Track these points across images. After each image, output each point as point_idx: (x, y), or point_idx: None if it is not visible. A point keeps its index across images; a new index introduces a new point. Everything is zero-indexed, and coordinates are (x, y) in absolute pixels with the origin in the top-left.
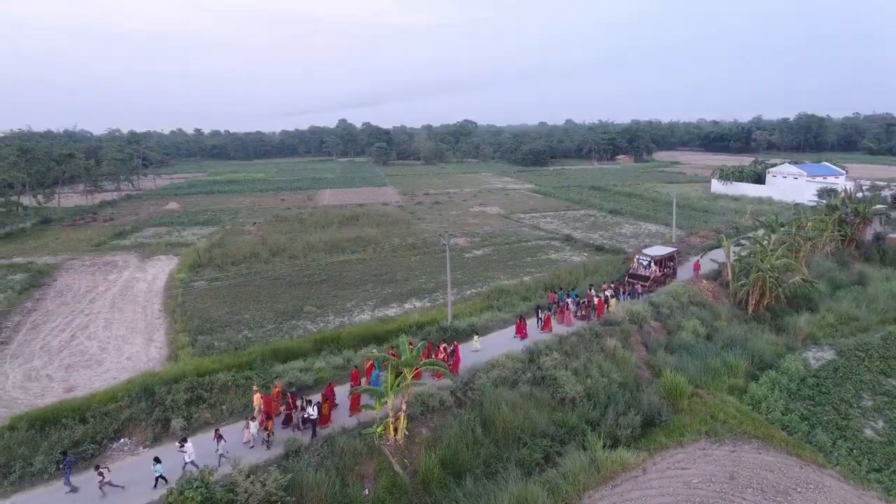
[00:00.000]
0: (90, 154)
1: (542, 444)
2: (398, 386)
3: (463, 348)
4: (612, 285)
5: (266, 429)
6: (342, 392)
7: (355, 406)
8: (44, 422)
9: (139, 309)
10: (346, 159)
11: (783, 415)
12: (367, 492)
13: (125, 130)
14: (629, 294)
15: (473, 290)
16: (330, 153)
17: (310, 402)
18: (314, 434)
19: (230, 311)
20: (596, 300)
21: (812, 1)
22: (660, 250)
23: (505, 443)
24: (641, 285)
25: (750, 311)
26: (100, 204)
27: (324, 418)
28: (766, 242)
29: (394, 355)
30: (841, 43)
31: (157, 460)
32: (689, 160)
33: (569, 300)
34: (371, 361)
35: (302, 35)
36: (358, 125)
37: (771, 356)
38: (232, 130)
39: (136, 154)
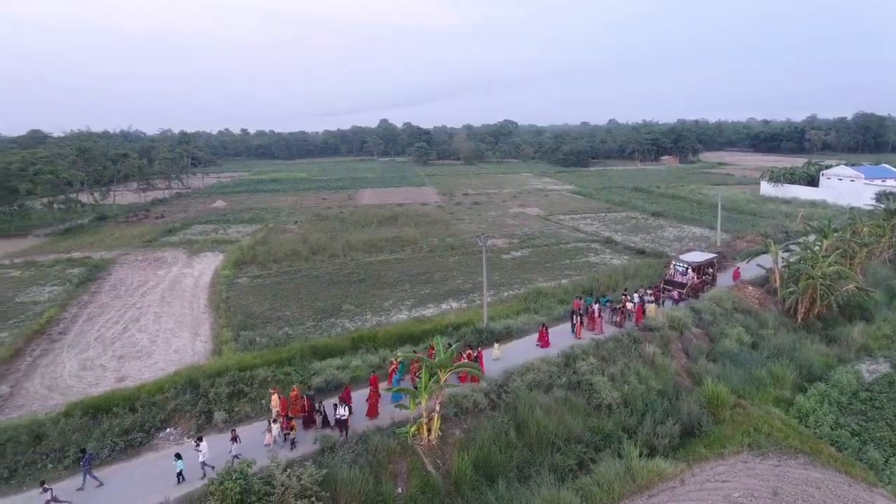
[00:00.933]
0: (143, 154)
1: (576, 450)
2: (432, 386)
3: (485, 355)
4: (650, 291)
5: (292, 428)
6: (359, 396)
7: (373, 411)
8: (97, 409)
9: (186, 304)
10: (386, 159)
11: (832, 430)
12: (399, 490)
13: (176, 131)
14: (664, 301)
15: (511, 292)
16: (371, 153)
17: (342, 401)
18: (346, 433)
19: (271, 307)
20: (630, 306)
21: None
22: (698, 256)
23: (538, 447)
24: (678, 292)
25: (799, 319)
26: (152, 202)
27: (339, 421)
28: (817, 248)
29: (429, 356)
30: None
31: (178, 456)
32: (737, 161)
33: (596, 306)
34: (395, 364)
35: (348, 36)
36: (399, 125)
37: (821, 367)
38: (277, 130)
39: (185, 154)
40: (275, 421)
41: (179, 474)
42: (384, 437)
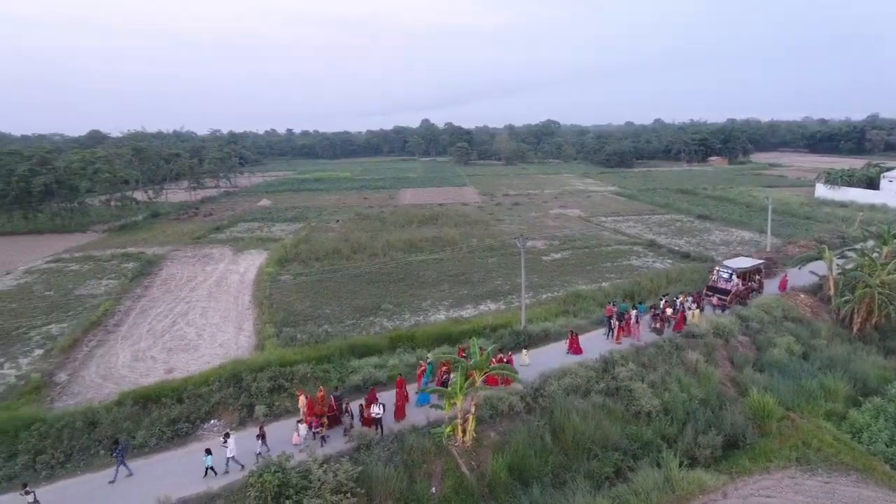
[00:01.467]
0: (194, 153)
1: (613, 458)
2: (467, 388)
3: (515, 360)
4: (691, 297)
5: (322, 426)
6: (385, 398)
7: (400, 413)
8: (146, 399)
9: (231, 299)
10: (427, 159)
11: (888, 446)
12: (433, 490)
13: (225, 131)
14: (704, 308)
15: (550, 294)
16: (412, 153)
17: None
18: (381, 431)
19: (312, 305)
20: (670, 312)
21: None
22: (744, 262)
23: (574, 453)
24: (719, 298)
25: (854, 330)
26: (201, 200)
27: (367, 421)
28: (876, 255)
29: (459, 357)
30: None
31: (207, 451)
32: (791, 162)
33: (634, 312)
34: (423, 367)
35: (392, 38)
36: (440, 125)
37: (877, 381)
38: (321, 130)
39: (233, 153)
40: (300, 421)
41: (208, 469)
42: (419, 436)
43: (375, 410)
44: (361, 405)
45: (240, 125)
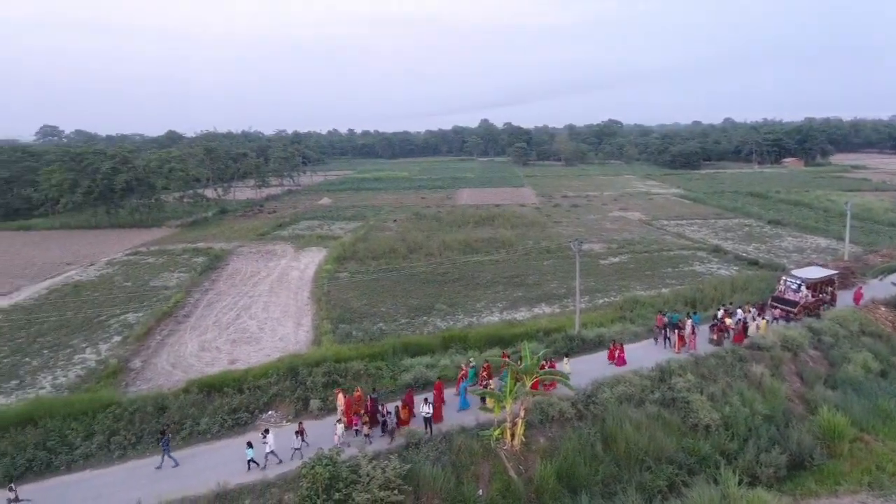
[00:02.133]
0: (260, 153)
1: (667, 471)
2: (517, 392)
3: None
4: (754, 307)
5: (364, 425)
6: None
7: (438, 415)
8: (210, 388)
9: (292, 295)
10: (486, 159)
11: None
12: (480, 492)
13: (290, 131)
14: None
15: (606, 299)
16: (471, 153)
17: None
18: (431, 431)
19: (368, 302)
20: (730, 322)
21: None
22: (815, 272)
23: (626, 463)
24: (784, 310)
25: None
26: (266, 198)
27: (403, 423)
28: None
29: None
30: None
31: (249, 445)
32: (876, 164)
33: (689, 321)
34: (465, 370)
35: (454, 37)
36: (499, 125)
37: None
38: (380, 130)
39: (297, 153)
40: (339, 420)
41: (250, 461)
42: (468, 437)
43: (425, 410)
44: (397, 407)
45: (304, 125)
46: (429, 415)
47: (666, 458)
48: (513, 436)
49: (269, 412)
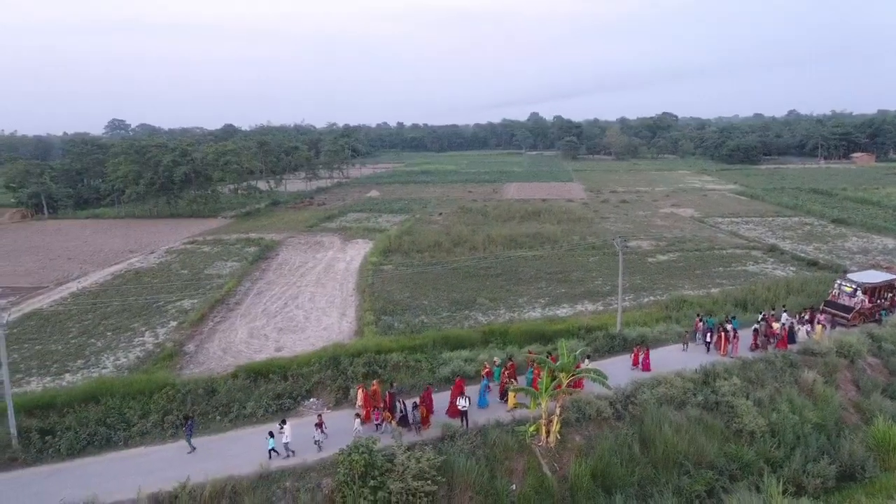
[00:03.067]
0: (311, 146)
1: (706, 476)
2: (552, 389)
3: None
4: (804, 312)
5: (384, 420)
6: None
7: (453, 409)
8: (257, 374)
9: (337, 286)
10: (534, 153)
11: None
12: (514, 487)
13: (341, 124)
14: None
15: (652, 298)
16: (519, 146)
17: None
18: (466, 424)
19: (411, 295)
20: (777, 327)
21: None
22: (874, 276)
23: (664, 466)
24: (836, 316)
25: None
26: (316, 190)
27: (421, 419)
28: None
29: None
30: None
31: (270, 434)
32: None
33: (729, 326)
34: (488, 368)
35: (505, 31)
36: (549, 119)
37: None
38: (429, 123)
39: (346, 146)
40: (357, 415)
41: (271, 451)
42: (503, 432)
43: (462, 403)
44: (415, 402)
45: (355, 119)
46: (465, 408)
47: (706, 463)
48: (548, 433)
49: (311, 399)
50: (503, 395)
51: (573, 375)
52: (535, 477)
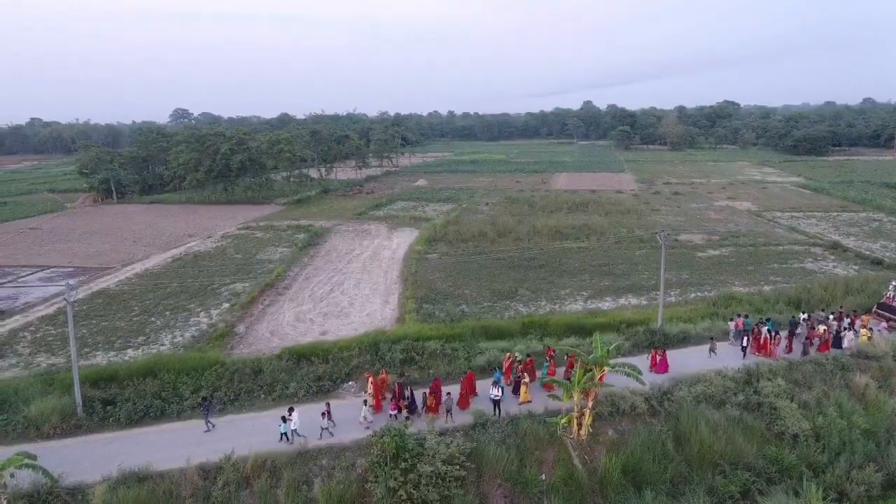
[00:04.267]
0: (362, 135)
1: (742, 477)
2: (585, 383)
3: None
4: (843, 316)
5: (399, 409)
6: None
7: (464, 401)
8: (300, 356)
9: (382, 273)
10: (586, 142)
11: None
12: (543, 477)
13: (392, 113)
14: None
15: (699, 294)
16: (571, 136)
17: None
18: (499, 413)
19: (453, 284)
20: (822, 329)
21: None
22: None
23: (699, 465)
24: (890, 318)
25: None
26: (365, 178)
27: (430, 409)
28: None
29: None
30: None
31: (283, 419)
32: None
33: (765, 329)
34: (510, 360)
35: (561, 16)
36: (602, 107)
37: None
38: (480, 112)
39: (396, 135)
40: (365, 402)
41: (283, 435)
42: (534, 423)
43: (494, 393)
44: (425, 393)
45: (406, 108)
46: (498, 397)
47: (743, 464)
48: (580, 425)
49: (350, 382)
50: (516, 389)
51: (605, 369)
52: (565, 468)
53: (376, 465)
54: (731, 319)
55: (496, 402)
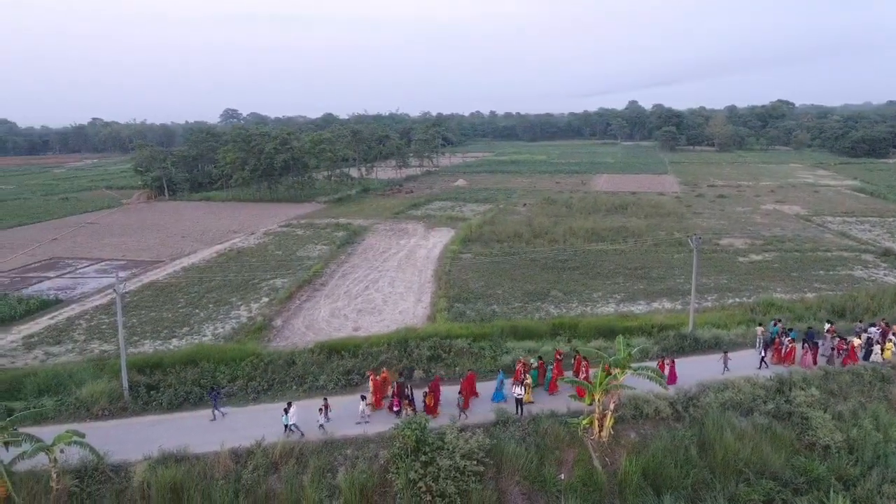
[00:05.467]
0: (403, 135)
1: (766, 486)
2: (606, 385)
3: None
4: (866, 326)
5: (403, 407)
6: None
7: (465, 404)
8: (331, 350)
9: (416, 272)
10: (630, 143)
11: None
12: (562, 476)
13: (434, 113)
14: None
15: (738, 300)
16: (615, 136)
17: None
18: (521, 412)
19: (486, 284)
20: (857, 342)
21: None
22: None
23: (722, 472)
24: None
25: None
26: (405, 178)
27: (429, 409)
28: None
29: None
30: None
31: (285, 411)
32: None
33: (786, 339)
34: (522, 363)
35: (607, 14)
36: (648, 107)
37: None
38: (522, 112)
39: (437, 135)
40: (363, 397)
41: (286, 426)
42: (555, 423)
43: (517, 391)
44: (425, 392)
45: (448, 108)
46: (521, 396)
47: (769, 474)
48: (601, 427)
49: None
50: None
51: (625, 373)
52: (585, 469)
53: (397, 457)
54: (760, 325)
55: (518, 401)
